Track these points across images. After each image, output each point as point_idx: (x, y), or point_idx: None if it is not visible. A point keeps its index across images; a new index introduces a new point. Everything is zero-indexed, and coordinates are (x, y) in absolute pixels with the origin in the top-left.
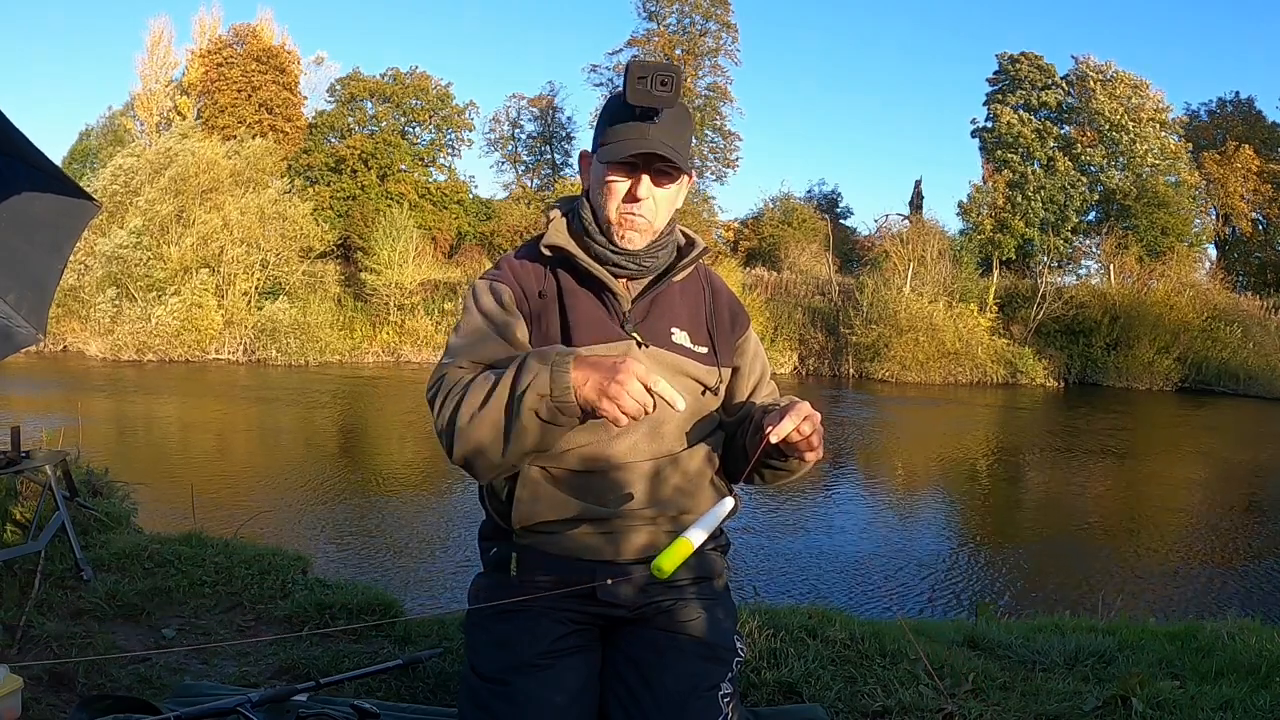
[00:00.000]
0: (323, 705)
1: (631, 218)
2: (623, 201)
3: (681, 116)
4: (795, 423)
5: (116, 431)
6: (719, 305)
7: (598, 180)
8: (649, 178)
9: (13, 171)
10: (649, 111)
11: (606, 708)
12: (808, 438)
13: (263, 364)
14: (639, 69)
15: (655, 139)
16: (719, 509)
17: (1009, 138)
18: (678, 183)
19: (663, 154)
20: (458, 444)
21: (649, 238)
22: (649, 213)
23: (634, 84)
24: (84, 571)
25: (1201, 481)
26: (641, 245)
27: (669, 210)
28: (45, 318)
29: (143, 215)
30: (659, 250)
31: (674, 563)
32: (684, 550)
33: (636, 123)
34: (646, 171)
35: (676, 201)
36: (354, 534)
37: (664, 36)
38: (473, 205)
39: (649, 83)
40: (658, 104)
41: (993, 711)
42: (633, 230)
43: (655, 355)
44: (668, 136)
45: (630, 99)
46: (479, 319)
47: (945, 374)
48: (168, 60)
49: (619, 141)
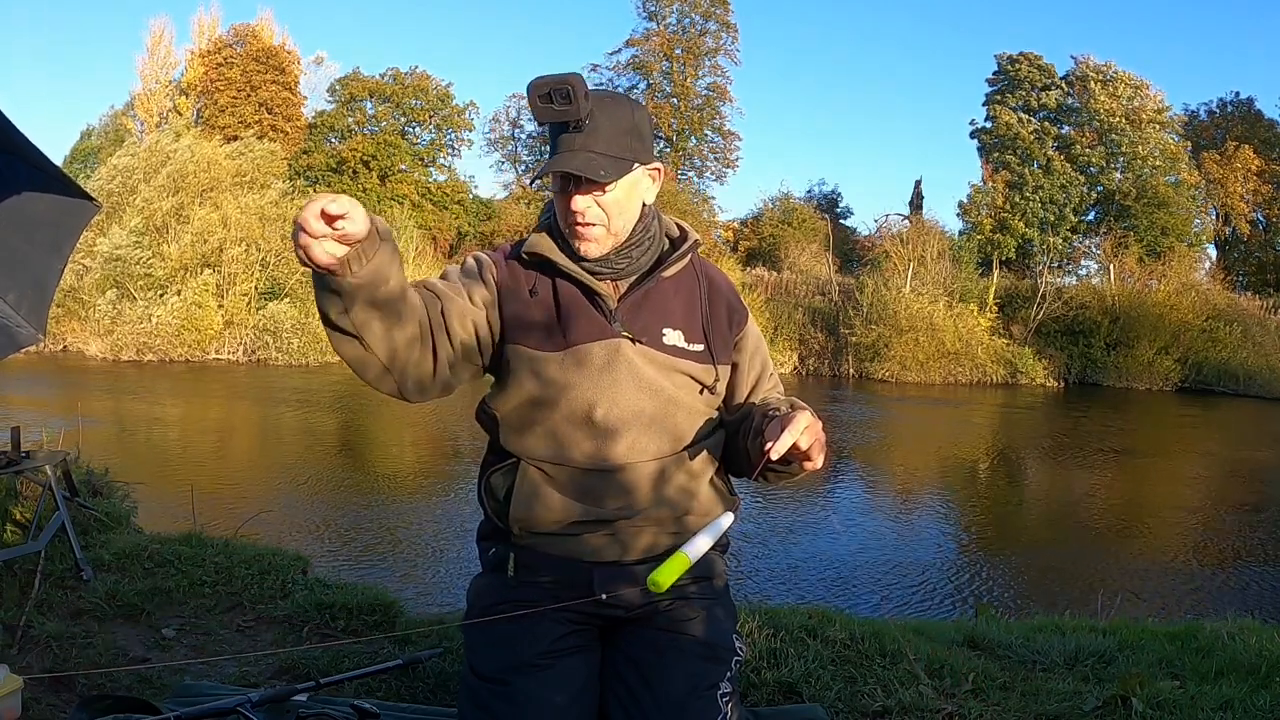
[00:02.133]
0: (323, 705)
1: (580, 229)
2: (566, 216)
3: (616, 115)
4: (794, 437)
5: (116, 431)
6: (715, 300)
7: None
8: (579, 192)
9: (13, 171)
10: (568, 124)
11: (606, 707)
12: (806, 450)
13: (263, 364)
14: (537, 88)
15: (581, 148)
16: (719, 524)
17: (1008, 138)
18: (621, 184)
19: (573, 170)
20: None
21: (609, 243)
22: (597, 219)
23: (536, 103)
24: (84, 571)
25: (1201, 481)
26: (600, 253)
27: (625, 211)
28: (45, 317)
29: (140, 214)
30: (632, 250)
31: (670, 578)
32: (681, 565)
33: (566, 134)
34: (575, 186)
35: (632, 200)
36: (354, 534)
37: (664, 36)
38: (473, 205)
39: (551, 98)
40: (563, 118)
41: (993, 711)
42: (586, 241)
43: (647, 355)
44: (596, 143)
45: (537, 119)
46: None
47: (945, 374)
48: (168, 60)
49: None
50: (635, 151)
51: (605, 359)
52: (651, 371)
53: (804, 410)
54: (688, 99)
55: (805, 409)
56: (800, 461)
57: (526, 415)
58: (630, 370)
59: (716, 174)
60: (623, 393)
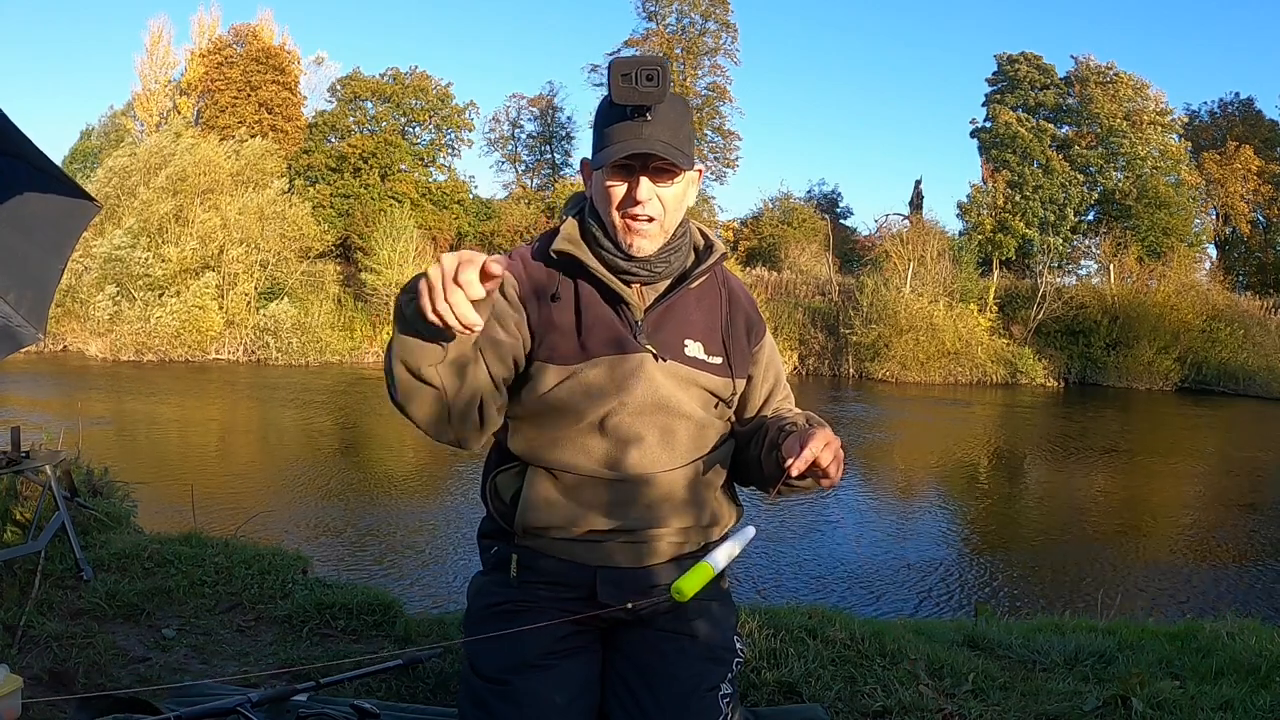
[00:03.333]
0: (323, 705)
1: (636, 223)
2: (625, 206)
3: (678, 109)
4: (815, 453)
5: (116, 431)
6: (735, 313)
7: (599, 188)
8: (647, 178)
9: (13, 171)
10: (641, 109)
11: (607, 708)
12: (825, 467)
13: (263, 364)
14: (622, 66)
15: (650, 137)
16: (742, 535)
17: (1007, 138)
18: (682, 179)
19: (657, 151)
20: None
21: (660, 241)
22: (655, 213)
23: (618, 82)
24: (84, 571)
25: (1201, 481)
26: (653, 250)
27: (678, 209)
28: (45, 317)
29: (138, 215)
30: (672, 254)
31: (694, 587)
32: (705, 575)
33: (629, 122)
34: (644, 172)
35: (686, 199)
36: (354, 534)
37: (663, 36)
38: (473, 205)
39: (634, 79)
40: (645, 100)
41: (993, 711)
42: (641, 237)
43: (668, 369)
44: (663, 132)
45: (616, 99)
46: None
47: (946, 374)
48: (167, 60)
49: (612, 144)
50: (692, 148)
51: (626, 372)
52: (670, 385)
53: (822, 427)
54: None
55: (823, 425)
56: (819, 478)
57: (538, 421)
58: (649, 383)
59: (716, 174)
60: (639, 404)
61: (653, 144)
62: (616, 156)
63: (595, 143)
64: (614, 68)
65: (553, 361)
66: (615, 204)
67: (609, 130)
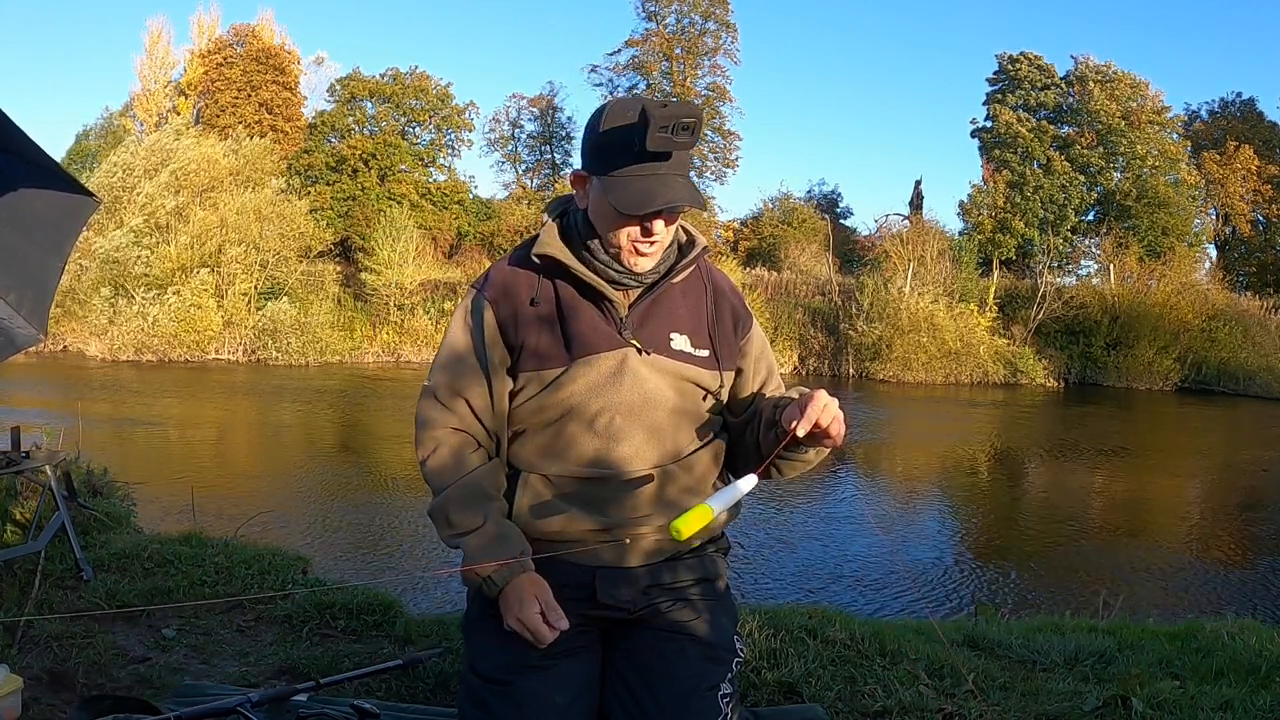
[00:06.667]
0: (323, 705)
1: (644, 247)
2: (637, 239)
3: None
4: (816, 414)
5: (116, 431)
6: (720, 305)
7: (607, 215)
8: (663, 220)
9: (12, 170)
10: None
11: (607, 708)
12: (826, 427)
13: (263, 364)
14: (661, 119)
15: (673, 182)
16: (741, 483)
17: (1008, 138)
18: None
19: (683, 202)
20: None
21: (658, 258)
22: (661, 240)
23: (655, 134)
24: (84, 571)
25: (1201, 481)
26: (650, 266)
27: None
28: (46, 317)
29: (142, 212)
30: (662, 262)
31: (692, 527)
32: (704, 516)
33: (649, 162)
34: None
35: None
36: (354, 534)
37: (663, 36)
38: (473, 205)
39: (672, 130)
40: (678, 149)
41: (993, 711)
42: (646, 259)
43: (654, 363)
44: (682, 170)
45: (651, 147)
46: (461, 344)
47: (947, 374)
48: (166, 60)
49: (635, 189)
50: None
51: (612, 369)
52: (658, 379)
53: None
54: (687, 99)
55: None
56: (822, 439)
57: (529, 425)
58: (636, 379)
59: (716, 174)
60: (628, 401)
61: (679, 193)
62: (647, 209)
63: (600, 164)
64: (653, 119)
65: (539, 369)
66: (627, 236)
67: (628, 170)
